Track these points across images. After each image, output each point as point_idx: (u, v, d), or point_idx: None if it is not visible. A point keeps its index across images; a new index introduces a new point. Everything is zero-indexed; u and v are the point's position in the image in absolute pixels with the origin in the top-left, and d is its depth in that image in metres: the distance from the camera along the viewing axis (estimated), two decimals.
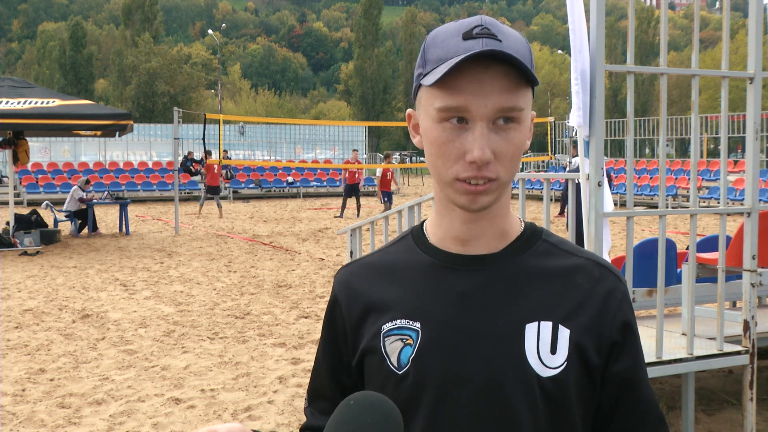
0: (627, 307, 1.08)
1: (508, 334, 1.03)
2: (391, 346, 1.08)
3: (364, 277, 1.16)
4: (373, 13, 66.46)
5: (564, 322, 1.04)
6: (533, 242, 1.10)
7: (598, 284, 1.07)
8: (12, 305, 8.67)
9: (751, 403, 3.86)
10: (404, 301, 1.09)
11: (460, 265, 1.08)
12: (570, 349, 1.03)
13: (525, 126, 1.02)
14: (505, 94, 0.98)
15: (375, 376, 1.10)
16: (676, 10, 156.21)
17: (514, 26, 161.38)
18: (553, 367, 1.02)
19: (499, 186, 1.02)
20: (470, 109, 0.99)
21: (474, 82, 0.98)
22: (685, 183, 23.62)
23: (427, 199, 5.05)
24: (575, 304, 1.05)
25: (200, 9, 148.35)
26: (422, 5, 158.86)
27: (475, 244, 1.08)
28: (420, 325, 1.06)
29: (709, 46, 75.99)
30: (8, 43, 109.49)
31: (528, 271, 1.07)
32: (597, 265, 1.09)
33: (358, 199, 20.88)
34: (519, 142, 1.01)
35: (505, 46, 0.98)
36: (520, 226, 1.12)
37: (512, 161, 1.01)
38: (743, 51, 4.22)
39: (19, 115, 12.72)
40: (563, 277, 1.07)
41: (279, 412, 5.09)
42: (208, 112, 30.74)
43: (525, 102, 1.01)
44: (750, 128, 3.77)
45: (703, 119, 28.41)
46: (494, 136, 1.00)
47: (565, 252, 1.10)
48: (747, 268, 3.82)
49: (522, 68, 0.97)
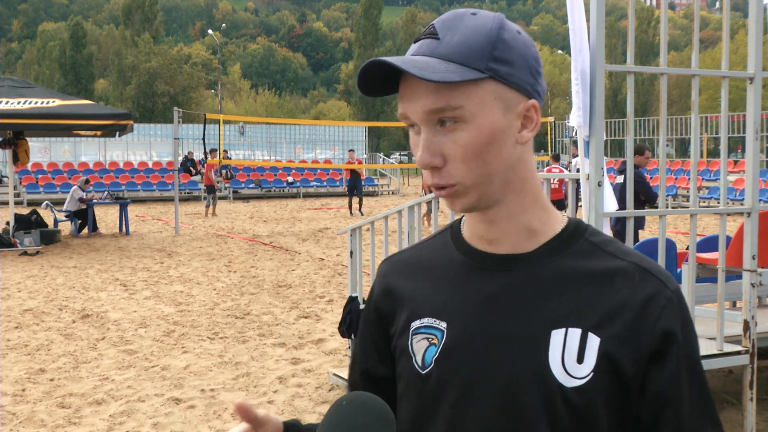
0: (671, 314, 0.98)
1: (532, 340, 0.98)
2: (417, 345, 1.06)
3: (400, 271, 1.14)
4: (373, 13, 66.45)
5: (594, 330, 0.97)
6: (573, 242, 1.03)
7: (637, 290, 0.98)
8: (12, 305, 8.67)
9: (751, 403, 3.86)
10: (434, 299, 1.07)
11: (489, 264, 1.04)
12: (598, 359, 0.96)
13: (477, 124, 0.95)
14: (431, 95, 0.95)
15: (403, 374, 1.08)
16: (676, 10, 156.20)
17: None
18: (579, 377, 0.96)
19: (468, 189, 0.98)
20: (408, 116, 0.98)
21: (408, 88, 0.97)
22: (685, 183, 23.62)
23: (427, 199, 5.05)
24: (610, 310, 0.98)
25: (200, 9, 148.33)
26: (422, 5, 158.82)
27: (501, 244, 1.04)
28: (446, 325, 1.04)
29: (709, 46, 75.99)
30: (8, 43, 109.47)
31: (561, 273, 1.01)
32: (640, 269, 1.00)
33: (360, 195, 20.93)
34: (468, 142, 0.96)
35: (443, 44, 0.95)
36: (561, 223, 1.05)
37: (466, 162, 0.96)
38: (743, 51, 4.21)
39: (19, 115, 12.72)
40: (600, 281, 1.00)
41: (279, 412, 5.09)
42: (208, 112, 30.73)
43: (466, 99, 0.95)
44: (750, 128, 3.77)
45: (703, 119, 28.40)
46: (441, 139, 0.97)
47: (608, 253, 1.02)
48: (747, 268, 3.82)
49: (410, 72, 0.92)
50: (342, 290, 9.33)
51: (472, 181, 0.97)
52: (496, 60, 0.96)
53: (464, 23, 0.97)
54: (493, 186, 0.99)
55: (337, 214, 21.60)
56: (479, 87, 0.96)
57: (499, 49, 0.96)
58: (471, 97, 0.95)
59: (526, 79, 0.99)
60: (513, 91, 0.98)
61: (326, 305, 8.54)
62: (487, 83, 0.96)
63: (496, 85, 0.96)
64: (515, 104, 0.98)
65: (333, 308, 8.31)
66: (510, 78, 0.97)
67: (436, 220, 5.74)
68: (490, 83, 0.96)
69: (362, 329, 1.19)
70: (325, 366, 6.14)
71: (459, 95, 0.95)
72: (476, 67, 0.95)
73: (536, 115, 1.01)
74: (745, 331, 3.88)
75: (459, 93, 0.95)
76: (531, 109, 1.00)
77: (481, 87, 0.96)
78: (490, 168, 0.98)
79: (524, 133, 1.00)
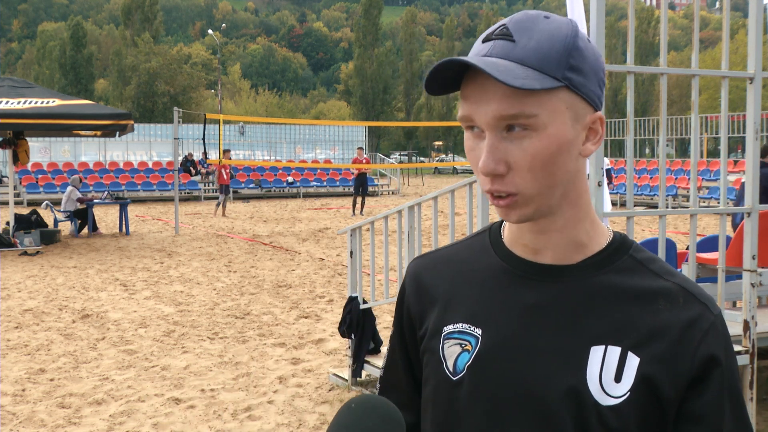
0: (714, 339, 0.95)
1: (571, 355, 0.96)
2: (449, 350, 1.04)
3: (435, 271, 1.12)
4: (373, 13, 66.44)
5: (635, 349, 0.95)
6: (617, 257, 1.01)
7: (680, 312, 0.96)
8: (12, 305, 8.66)
9: (751, 403, 3.86)
10: (469, 303, 1.05)
11: (532, 274, 1.01)
12: (636, 379, 0.94)
13: (548, 133, 0.92)
14: (505, 101, 0.91)
15: (431, 377, 1.06)
16: (676, 10, 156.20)
17: None
18: (615, 396, 0.94)
19: (526, 200, 0.94)
20: (474, 118, 0.94)
21: (478, 90, 0.93)
22: (685, 183, 23.63)
23: (427, 199, 5.04)
24: (651, 330, 0.96)
25: (200, 9, 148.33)
26: (422, 5, 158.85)
27: (547, 254, 1.01)
28: (481, 332, 1.02)
29: (709, 46, 75.99)
30: (8, 43, 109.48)
31: (604, 289, 0.98)
32: (684, 291, 0.98)
33: (364, 195, 20.94)
34: (537, 152, 0.92)
35: (518, 47, 0.92)
36: (606, 237, 1.03)
37: (532, 172, 0.93)
38: (743, 51, 4.22)
39: (19, 115, 12.71)
40: (643, 300, 0.97)
41: (279, 412, 5.09)
42: (208, 112, 30.73)
43: (540, 107, 0.91)
44: (750, 128, 3.77)
45: (703, 119, 28.40)
46: (509, 146, 0.93)
47: (652, 272, 1.00)
48: (747, 268, 3.82)
49: (495, 77, 0.88)
50: (342, 290, 9.33)
51: (534, 191, 0.94)
52: (571, 69, 0.93)
53: (539, 27, 0.94)
54: (552, 198, 0.96)
55: (337, 214, 21.59)
56: (553, 95, 0.93)
57: (574, 57, 0.94)
58: (545, 106, 0.92)
59: (595, 90, 0.96)
60: (583, 102, 0.95)
61: (326, 305, 8.54)
62: (561, 92, 0.93)
63: (569, 95, 0.94)
64: (583, 115, 0.96)
65: (333, 308, 8.31)
66: (582, 88, 0.94)
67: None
68: (563, 92, 0.93)
69: (396, 331, 1.17)
70: (325, 366, 6.14)
71: (534, 103, 0.91)
72: (553, 75, 0.92)
73: (601, 128, 0.99)
74: (745, 331, 3.88)
75: (534, 100, 0.91)
76: (597, 122, 0.98)
77: (555, 96, 0.93)
78: (553, 180, 0.95)
79: (588, 145, 0.98)
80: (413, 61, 70.21)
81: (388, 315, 7.86)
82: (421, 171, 46.16)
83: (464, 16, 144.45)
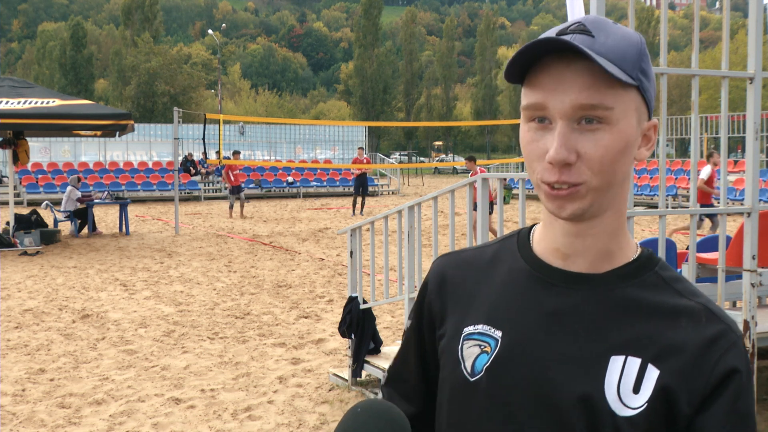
0: (733, 359, 0.95)
1: (590, 363, 0.96)
2: (468, 351, 1.04)
3: (459, 270, 1.12)
4: (373, 13, 66.47)
5: (655, 362, 0.95)
6: (643, 272, 1.01)
7: (703, 330, 0.96)
8: (12, 305, 8.67)
9: None
10: (491, 306, 1.05)
11: (557, 280, 1.01)
12: (654, 392, 0.94)
13: (619, 129, 0.94)
14: (585, 90, 0.92)
15: (448, 378, 1.06)
16: (676, 10, 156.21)
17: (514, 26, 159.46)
18: (633, 407, 0.94)
19: (589, 192, 0.95)
20: (548, 106, 0.94)
21: (554, 79, 0.93)
22: (685, 183, 23.62)
23: (427, 199, 5.04)
24: (673, 345, 0.96)
25: (200, 9, 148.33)
26: (422, 5, 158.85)
27: (576, 261, 1.01)
28: (501, 335, 1.02)
29: (709, 46, 75.99)
30: (8, 43, 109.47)
31: (628, 301, 0.98)
32: (707, 311, 0.98)
33: (364, 195, 20.94)
34: (609, 145, 0.93)
35: (598, 43, 0.93)
36: (634, 251, 1.04)
37: (602, 165, 0.93)
38: (743, 51, 4.21)
39: (19, 115, 12.71)
40: (665, 317, 0.98)
41: (279, 412, 5.09)
42: (208, 112, 30.73)
43: (616, 102, 0.93)
44: (750, 128, 3.77)
45: (703, 119, 28.39)
46: (579, 137, 0.93)
47: (676, 292, 1.00)
48: (747, 268, 3.82)
49: (597, 61, 0.90)
50: (342, 290, 9.33)
51: (597, 184, 0.95)
52: (642, 71, 0.96)
53: (612, 28, 0.96)
54: (607, 197, 0.97)
55: (337, 214, 21.59)
56: (627, 93, 0.95)
57: (644, 61, 0.96)
58: (620, 101, 0.94)
59: (653, 98, 0.99)
60: (645, 107, 0.98)
61: (326, 305, 8.54)
62: (633, 92, 0.95)
63: (637, 97, 0.96)
64: (643, 120, 0.98)
65: (333, 308, 8.32)
66: (646, 93, 0.97)
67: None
68: (634, 93, 0.95)
69: (414, 324, 1.17)
70: (325, 366, 6.14)
71: (612, 96, 0.93)
72: (629, 73, 0.94)
73: (654, 136, 1.01)
74: (745, 331, 3.88)
75: (612, 94, 0.93)
76: (652, 129, 1.00)
77: (628, 94, 0.95)
78: (614, 178, 0.96)
79: (642, 150, 1.00)
80: (413, 61, 70.23)
81: (388, 315, 7.86)
82: (421, 171, 46.16)
83: (464, 16, 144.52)
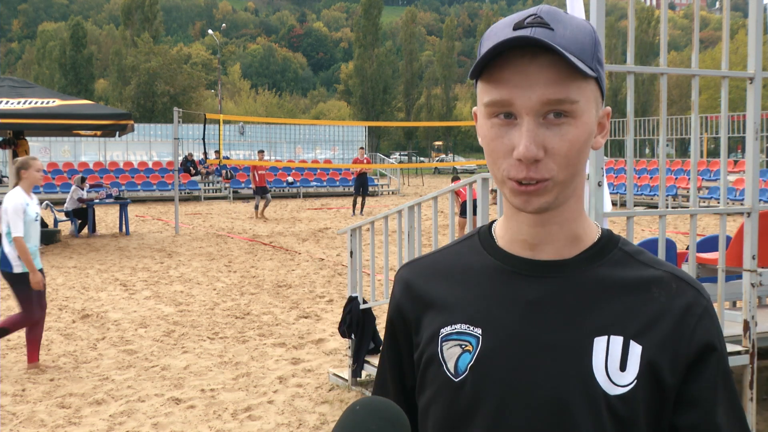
0: (708, 324, 0.98)
1: (575, 347, 0.97)
2: (448, 352, 1.03)
3: (425, 277, 1.11)
4: (373, 13, 66.43)
5: (636, 338, 0.97)
6: (608, 250, 1.03)
7: (675, 299, 0.99)
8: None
9: (751, 403, 3.86)
10: (466, 305, 1.04)
11: (528, 271, 1.02)
12: (641, 367, 0.96)
13: (582, 121, 0.94)
14: (552, 85, 0.91)
15: (432, 381, 1.05)
16: (676, 10, 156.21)
17: None
18: (622, 385, 0.95)
19: (555, 186, 0.95)
20: (515, 102, 0.93)
21: (519, 74, 0.92)
22: (685, 183, 23.61)
23: (426, 199, 5.04)
24: (649, 318, 0.98)
25: (200, 9, 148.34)
26: (422, 5, 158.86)
27: (544, 249, 1.02)
28: (481, 332, 1.01)
29: (709, 46, 75.99)
30: (8, 43, 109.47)
31: (601, 282, 1.00)
32: (675, 278, 1.01)
33: (364, 195, 20.93)
34: (575, 138, 0.93)
35: (557, 35, 0.91)
36: (596, 232, 1.05)
37: (568, 158, 0.94)
38: (743, 51, 4.21)
39: (19, 115, 12.72)
40: (638, 290, 0.99)
41: (279, 412, 5.09)
42: (208, 112, 30.72)
43: (580, 94, 0.93)
44: (750, 128, 3.77)
45: (703, 119, 28.39)
46: (545, 132, 0.93)
47: (642, 263, 1.02)
48: (747, 268, 3.82)
49: (567, 57, 0.90)
50: (342, 290, 9.33)
51: (564, 178, 0.95)
52: (598, 61, 0.96)
53: (567, 18, 0.95)
54: (569, 188, 0.98)
55: (337, 214, 21.59)
56: (588, 85, 0.95)
57: (599, 51, 0.97)
58: (583, 94, 0.94)
59: (604, 86, 1.00)
60: (600, 96, 0.98)
61: (326, 305, 8.54)
62: (592, 83, 0.96)
63: (595, 87, 0.96)
64: (599, 108, 0.99)
65: (333, 308, 8.31)
66: (601, 82, 0.98)
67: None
68: (593, 84, 0.96)
69: (387, 338, 1.16)
70: (325, 366, 6.14)
71: (576, 89, 0.93)
72: (589, 65, 0.94)
73: (608, 124, 1.02)
74: (745, 331, 3.87)
75: (576, 87, 0.93)
76: (605, 117, 1.01)
77: (589, 85, 0.95)
78: (577, 169, 0.97)
79: (598, 138, 1.01)
80: (413, 61, 70.19)
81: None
82: (421, 171, 46.16)
83: (464, 16, 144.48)
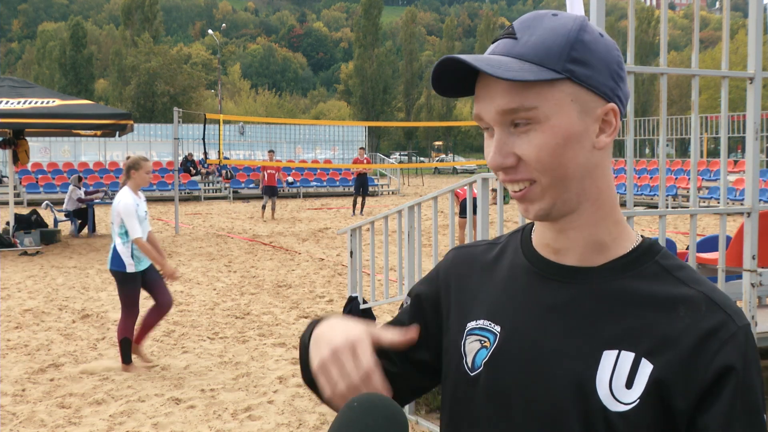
0: (733, 350, 0.91)
1: (582, 357, 0.95)
2: (470, 346, 1.05)
3: (467, 266, 1.13)
4: (373, 13, 66.48)
5: (648, 356, 0.93)
6: (642, 262, 0.99)
7: (701, 321, 0.93)
8: (12, 305, 8.66)
9: None
10: (492, 300, 1.06)
11: (552, 274, 1.01)
12: (648, 387, 0.92)
13: (550, 125, 0.93)
14: (506, 95, 0.93)
15: (451, 372, 1.07)
16: (676, 10, 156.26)
17: None
18: (625, 402, 0.92)
19: (545, 191, 0.95)
20: (482, 116, 0.96)
21: (482, 88, 0.96)
22: (685, 183, 23.62)
23: (426, 199, 5.04)
24: (668, 338, 0.93)
25: (200, 9, 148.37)
26: (422, 5, 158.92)
27: (567, 254, 1.01)
28: (500, 330, 1.02)
29: (709, 46, 76.01)
30: (8, 43, 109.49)
31: (623, 294, 0.97)
32: (708, 300, 0.95)
33: (364, 195, 20.94)
34: (543, 143, 0.93)
35: (519, 44, 0.94)
36: (631, 241, 1.02)
37: (542, 164, 0.94)
38: (743, 51, 4.21)
39: (19, 115, 12.71)
40: (662, 307, 0.95)
41: (279, 412, 5.09)
42: (208, 112, 30.73)
43: (539, 100, 0.93)
44: (750, 128, 3.77)
45: (703, 119, 28.39)
46: (516, 140, 0.95)
47: (678, 280, 0.97)
48: (747, 268, 3.82)
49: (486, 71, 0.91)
50: (342, 290, 9.33)
51: (548, 182, 0.95)
52: (574, 61, 0.94)
53: (543, 24, 0.96)
54: (568, 193, 0.96)
55: (337, 214, 21.59)
56: (555, 88, 0.93)
57: (577, 50, 0.94)
58: (546, 98, 0.93)
59: (606, 83, 0.96)
60: (591, 94, 0.95)
61: (326, 305, 8.54)
62: (563, 84, 0.94)
63: (573, 87, 0.94)
64: (593, 107, 0.96)
65: (333, 308, 8.32)
66: (588, 80, 0.94)
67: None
68: (566, 84, 0.94)
69: (414, 304, 1.16)
70: None
71: (534, 96, 0.93)
72: (552, 68, 0.93)
73: (615, 120, 0.97)
74: None
75: (534, 93, 0.93)
76: (610, 113, 0.97)
77: (557, 88, 0.94)
78: (565, 172, 0.95)
79: (602, 137, 0.97)
80: (413, 61, 70.24)
81: (388, 315, 7.85)
82: (421, 171, 46.16)
83: (464, 16, 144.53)
